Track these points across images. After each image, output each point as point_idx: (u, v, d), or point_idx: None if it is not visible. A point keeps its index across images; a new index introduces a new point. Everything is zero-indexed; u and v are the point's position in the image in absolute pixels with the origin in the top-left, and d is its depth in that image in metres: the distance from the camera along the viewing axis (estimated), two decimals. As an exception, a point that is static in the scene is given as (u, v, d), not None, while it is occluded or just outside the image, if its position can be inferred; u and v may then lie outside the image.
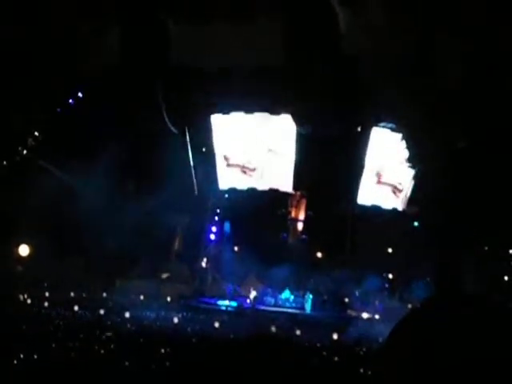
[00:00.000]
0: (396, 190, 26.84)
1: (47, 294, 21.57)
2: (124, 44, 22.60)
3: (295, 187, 26.92)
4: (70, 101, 24.66)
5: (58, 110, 24.66)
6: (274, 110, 25.33)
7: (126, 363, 11.70)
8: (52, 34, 21.46)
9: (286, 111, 24.87)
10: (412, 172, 26.28)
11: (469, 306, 1.91)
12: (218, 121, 26.17)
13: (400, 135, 25.50)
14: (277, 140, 26.19)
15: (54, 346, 13.05)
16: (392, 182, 26.83)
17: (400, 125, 25.16)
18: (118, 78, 22.72)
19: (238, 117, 25.81)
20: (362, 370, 12.43)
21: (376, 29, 19.86)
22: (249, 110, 25.42)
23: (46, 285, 22.51)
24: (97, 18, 21.33)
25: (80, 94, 24.60)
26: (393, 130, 25.56)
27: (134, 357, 12.10)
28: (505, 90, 21.25)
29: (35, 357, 11.64)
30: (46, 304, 19.98)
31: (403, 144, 25.63)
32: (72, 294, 22.54)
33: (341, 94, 23.55)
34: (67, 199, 23.99)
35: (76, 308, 19.42)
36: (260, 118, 25.87)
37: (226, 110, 25.60)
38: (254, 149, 26.58)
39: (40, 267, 23.24)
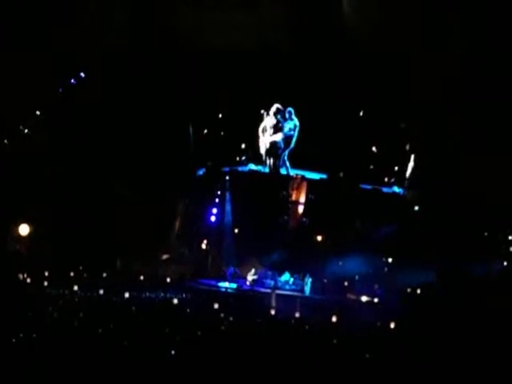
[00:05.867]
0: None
1: (47, 274, 21.57)
2: (130, 25, 22.73)
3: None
4: (72, 81, 24.64)
5: (60, 89, 24.62)
6: (273, 91, 25.44)
7: (125, 343, 11.75)
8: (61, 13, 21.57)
9: (286, 93, 25.10)
10: (412, 156, 26.30)
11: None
12: (219, 102, 26.20)
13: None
14: (275, 121, 26.15)
15: (53, 325, 13.10)
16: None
17: (399, 109, 25.20)
18: (122, 58, 22.83)
19: (238, 97, 25.83)
20: (360, 353, 12.50)
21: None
22: (249, 91, 25.44)
23: (45, 264, 22.46)
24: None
25: (82, 74, 24.58)
26: (392, 113, 25.61)
27: (132, 337, 12.15)
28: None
29: (34, 336, 11.68)
30: (46, 284, 19.99)
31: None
32: (72, 274, 22.57)
33: (341, 76, 23.64)
34: (67, 179, 24.03)
35: (75, 288, 19.44)
36: (260, 100, 25.88)
37: (227, 91, 25.64)
38: (256, 130, 26.55)
39: (40, 247, 23.26)
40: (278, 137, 26.11)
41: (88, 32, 22.72)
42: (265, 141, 26.38)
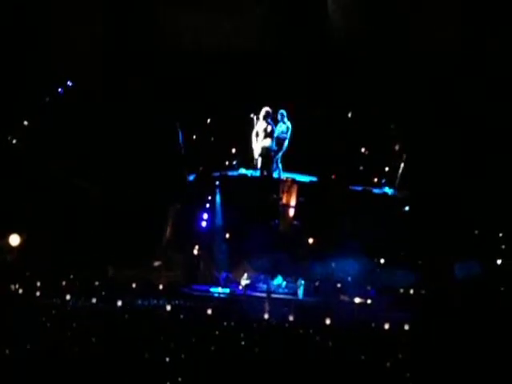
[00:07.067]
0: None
1: (39, 284, 21.46)
2: (112, 28, 22.66)
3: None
4: (59, 90, 24.61)
5: (47, 99, 24.58)
6: (261, 95, 25.45)
7: (119, 352, 11.69)
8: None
9: (275, 96, 25.13)
10: (403, 156, 26.35)
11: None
12: (207, 107, 26.18)
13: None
14: (266, 125, 26.16)
15: (45, 335, 13.03)
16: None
17: (390, 110, 25.24)
18: (106, 63, 22.78)
19: (226, 103, 25.81)
20: (354, 355, 12.48)
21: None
22: (238, 95, 25.44)
23: (36, 274, 22.34)
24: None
25: (69, 83, 24.56)
26: (382, 114, 25.65)
27: (126, 345, 12.10)
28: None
29: (27, 346, 11.60)
30: (38, 293, 19.89)
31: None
32: (64, 283, 22.46)
33: (330, 78, 23.67)
34: (57, 188, 23.94)
35: (68, 297, 19.34)
36: (249, 105, 25.89)
37: (215, 97, 25.61)
38: (245, 134, 26.56)
39: (31, 256, 23.14)
40: (267, 142, 26.14)
41: (74, 35, 22.66)
42: (257, 145, 26.42)
